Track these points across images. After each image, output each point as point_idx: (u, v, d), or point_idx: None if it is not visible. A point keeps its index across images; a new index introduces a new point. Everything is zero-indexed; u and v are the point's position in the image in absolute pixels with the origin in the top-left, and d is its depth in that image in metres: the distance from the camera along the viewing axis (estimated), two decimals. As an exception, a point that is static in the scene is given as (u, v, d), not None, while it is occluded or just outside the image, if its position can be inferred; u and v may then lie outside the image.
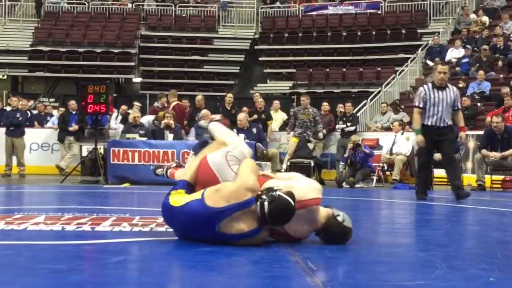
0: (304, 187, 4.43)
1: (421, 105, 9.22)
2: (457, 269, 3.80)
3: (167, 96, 15.26)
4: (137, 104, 15.78)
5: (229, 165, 4.59)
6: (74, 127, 15.24)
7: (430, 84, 9.43)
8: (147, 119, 14.50)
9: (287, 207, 4.13)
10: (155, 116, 14.48)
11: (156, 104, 15.75)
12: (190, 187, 4.60)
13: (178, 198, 4.40)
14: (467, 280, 3.44)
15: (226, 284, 3.22)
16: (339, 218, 4.46)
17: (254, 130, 13.60)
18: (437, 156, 12.21)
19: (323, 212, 4.47)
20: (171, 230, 5.05)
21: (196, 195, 4.34)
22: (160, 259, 3.98)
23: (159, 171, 5.82)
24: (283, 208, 4.12)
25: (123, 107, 16.76)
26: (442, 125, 9.19)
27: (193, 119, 14.39)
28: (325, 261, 4.03)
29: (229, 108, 14.96)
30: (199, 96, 15.35)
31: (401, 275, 3.55)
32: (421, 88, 9.53)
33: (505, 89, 15.21)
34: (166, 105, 15.09)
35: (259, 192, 4.20)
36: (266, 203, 4.09)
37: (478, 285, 3.29)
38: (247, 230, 4.20)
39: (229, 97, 15.24)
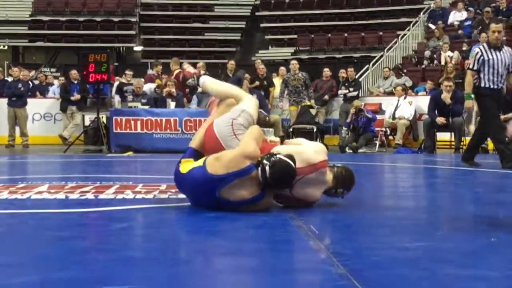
0: (312, 151, 4.48)
1: (475, 68, 8.41)
2: (459, 230, 3.82)
3: (166, 64, 15.19)
4: (128, 72, 15.71)
5: (235, 134, 4.53)
6: (76, 96, 15.23)
7: (485, 45, 8.59)
8: (148, 87, 14.47)
9: (288, 169, 4.14)
10: (156, 84, 14.46)
11: (150, 72, 15.70)
12: (197, 154, 4.59)
13: (186, 165, 4.42)
14: (468, 241, 3.45)
15: (230, 249, 3.24)
16: (336, 164, 4.63)
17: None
18: (441, 119, 12.26)
19: (329, 171, 4.51)
20: (174, 197, 5.09)
21: (199, 162, 4.35)
22: (163, 225, 4.00)
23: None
24: (285, 171, 4.13)
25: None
26: (501, 86, 8.52)
27: (194, 87, 14.39)
28: (328, 225, 4.05)
29: (231, 75, 14.93)
30: (200, 63, 15.28)
31: (403, 237, 3.56)
32: (476, 49, 8.74)
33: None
34: (160, 73, 15.06)
35: (259, 158, 4.21)
36: (267, 168, 4.10)
37: (479, 246, 3.31)
38: (249, 197, 4.21)
39: (231, 64, 15.18)
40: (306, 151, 4.46)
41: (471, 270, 2.76)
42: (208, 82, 5.15)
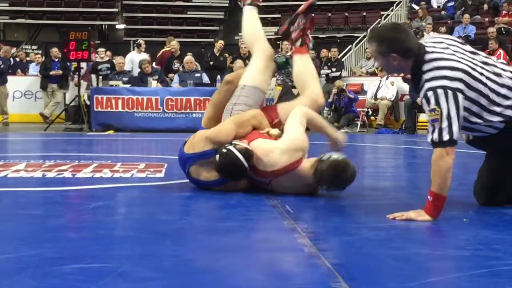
0: (282, 152, 4.09)
1: None
2: (433, 210, 3.83)
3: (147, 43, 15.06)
4: (101, 50, 15.51)
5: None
6: (56, 71, 15.05)
7: None
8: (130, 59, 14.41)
9: (235, 163, 4.03)
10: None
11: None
12: None
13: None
14: (441, 222, 3.49)
15: (202, 227, 3.25)
16: (324, 158, 4.02)
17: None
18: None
19: (307, 164, 4.13)
20: (151, 176, 5.09)
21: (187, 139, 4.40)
22: (139, 204, 4.01)
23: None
24: (230, 164, 4.04)
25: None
26: None
27: (169, 66, 14.31)
28: (303, 205, 4.04)
29: (217, 55, 14.98)
30: (174, 42, 15.14)
31: (377, 217, 3.58)
32: None
33: (491, 29, 15.11)
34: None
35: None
36: (217, 156, 4.09)
37: (452, 226, 3.35)
38: (212, 179, 4.24)
39: (220, 43, 15.25)
40: (273, 155, 4.09)
41: (442, 250, 2.79)
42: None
